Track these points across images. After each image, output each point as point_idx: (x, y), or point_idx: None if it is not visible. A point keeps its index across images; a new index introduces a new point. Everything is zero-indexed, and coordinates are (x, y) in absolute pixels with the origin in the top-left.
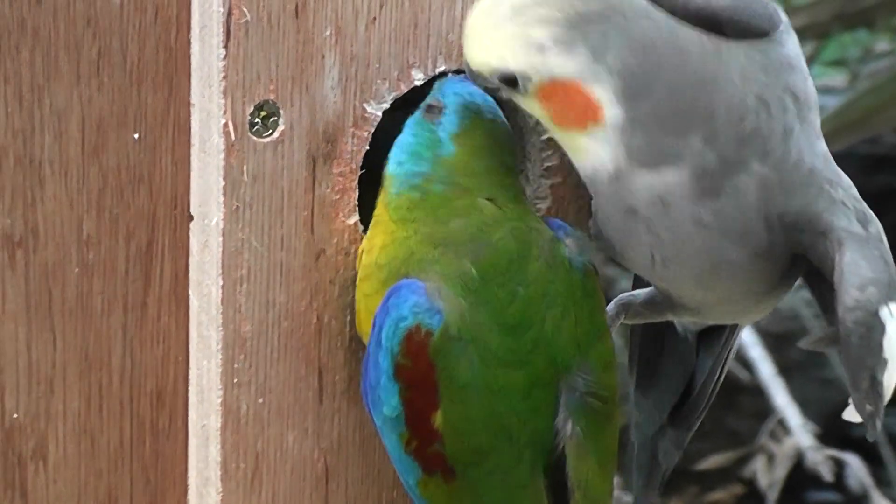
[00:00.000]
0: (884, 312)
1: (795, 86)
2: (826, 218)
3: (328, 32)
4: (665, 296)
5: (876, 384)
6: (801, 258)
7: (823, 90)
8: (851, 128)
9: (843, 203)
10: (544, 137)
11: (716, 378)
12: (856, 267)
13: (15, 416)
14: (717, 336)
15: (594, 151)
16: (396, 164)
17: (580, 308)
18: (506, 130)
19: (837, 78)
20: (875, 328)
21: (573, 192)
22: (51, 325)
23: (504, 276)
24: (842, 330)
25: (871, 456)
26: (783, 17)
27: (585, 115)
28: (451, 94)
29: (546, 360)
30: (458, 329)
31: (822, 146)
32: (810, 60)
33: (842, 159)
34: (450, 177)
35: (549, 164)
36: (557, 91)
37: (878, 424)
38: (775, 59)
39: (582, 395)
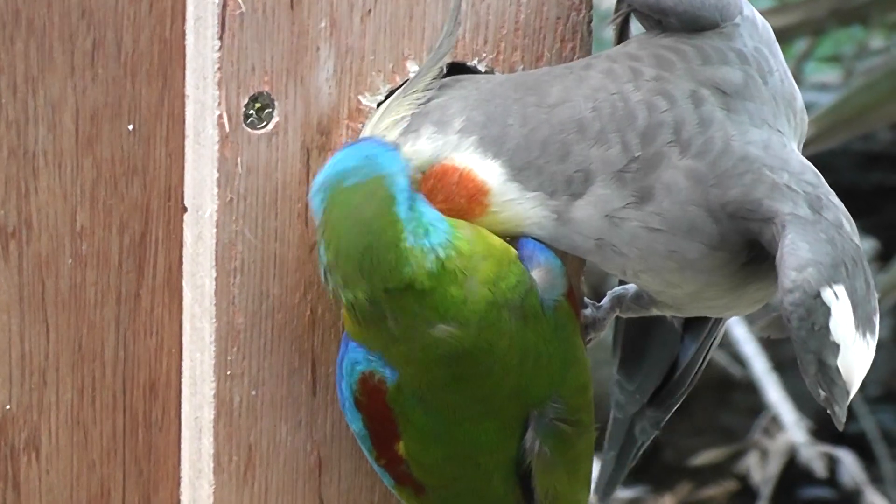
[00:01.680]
0: (827, 295)
1: (724, 78)
2: (768, 204)
3: (323, 24)
4: (647, 294)
5: (826, 369)
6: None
7: (818, 87)
8: (846, 125)
9: (789, 187)
10: None
11: (698, 364)
12: (795, 248)
13: (7, 407)
14: (702, 324)
15: (523, 215)
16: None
17: (552, 345)
18: (375, 190)
19: (832, 74)
20: (816, 311)
21: None
22: (44, 317)
23: (478, 367)
24: (783, 313)
25: (865, 452)
26: (746, 9)
27: (471, 190)
28: (321, 170)
29: (519, 405)
30: (414, 392)
31: (763, 134)
32: (805, 57)
33: (836, 156)
34: (340, 286)
35: None
36: (429, 184)
37: (838, 411)
38: (708, 51)
39: (551, 421)
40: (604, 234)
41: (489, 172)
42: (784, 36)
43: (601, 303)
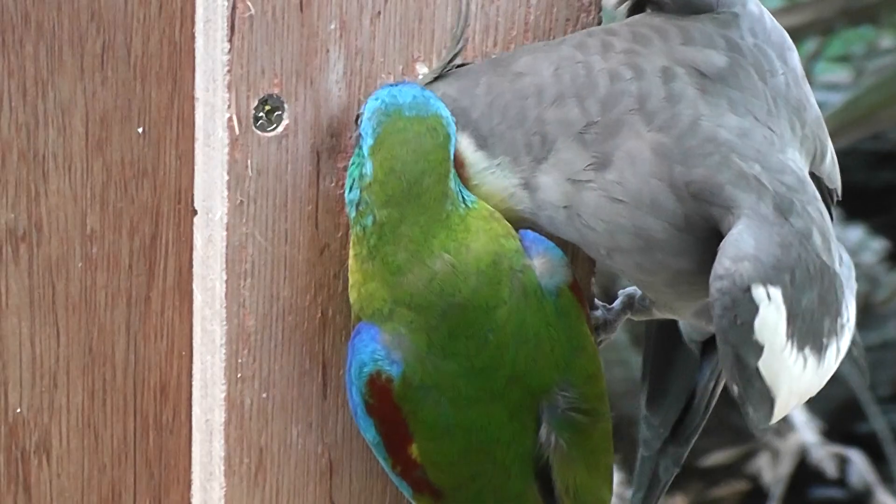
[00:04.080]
0: (758, 293)
1: (705, 60)
2: (730, 191)
3: (333, 26)
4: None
5: (743, 366)
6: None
7: (828, 87)
8: (856, 124)
9: (758, 180)
10: None
11: (710, 392)
12: (738, 240)
13: (18, 410)
14: (715, 348)
15: (498, 185)
16: (346, 190)
17: (556, 331)
18: (436, 126)
19: (842, 74)
20: (741, 304)
21: None
22: (54, 320)
23: (473, 328)
24: (710, 299)
25: (875, 452)
26: (751, 4)
27: (455, 163)
28: (370, 99)
29: (523, 391)
30: (419, 378)
31: (743, 123)
32: (814, 57)
33: (846, 156)
34: (376, 204)
35: None
36: None
37: (751, 412)
38: (693, 33)
39: (564, 411)
40: (569, 200)
41: (461, 143)
42: (793, 36)
43: (612, 305)
